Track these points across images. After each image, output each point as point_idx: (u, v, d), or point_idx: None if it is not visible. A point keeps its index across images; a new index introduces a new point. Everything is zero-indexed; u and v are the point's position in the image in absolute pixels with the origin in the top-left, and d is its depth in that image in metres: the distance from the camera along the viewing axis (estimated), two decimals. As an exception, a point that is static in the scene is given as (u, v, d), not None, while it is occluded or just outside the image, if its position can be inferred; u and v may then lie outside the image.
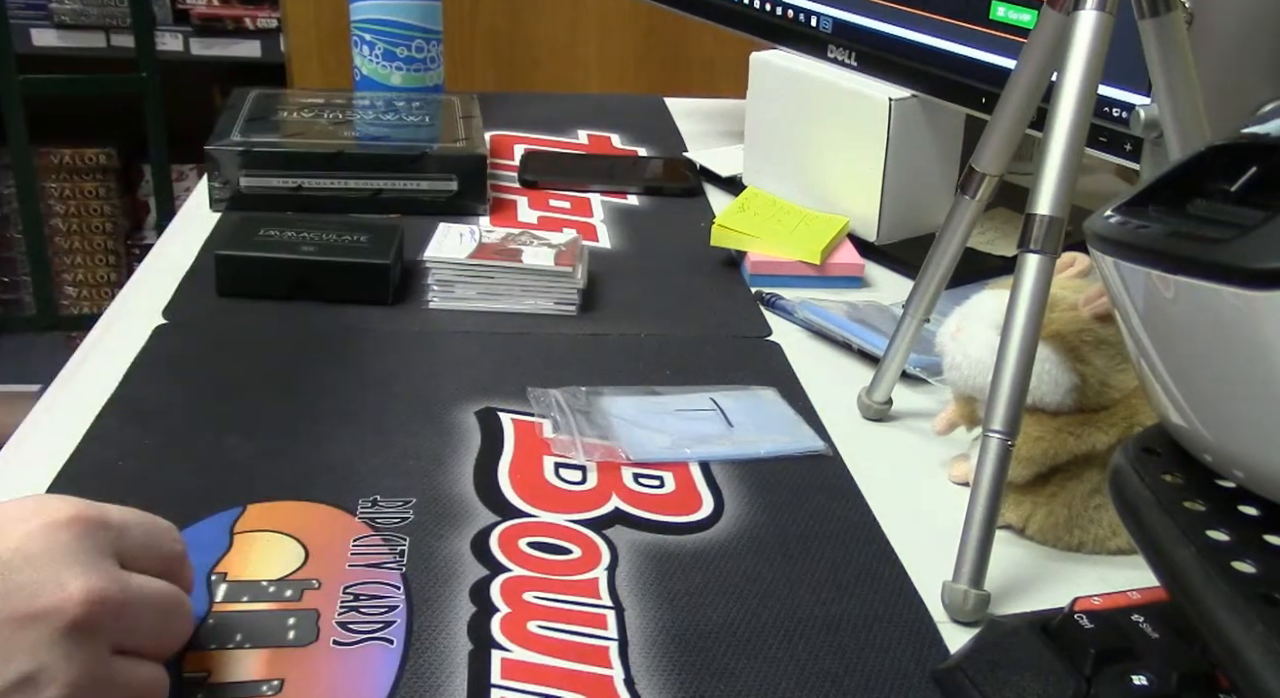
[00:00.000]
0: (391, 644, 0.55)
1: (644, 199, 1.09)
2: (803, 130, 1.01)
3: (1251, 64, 0.75)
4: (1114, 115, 0.80)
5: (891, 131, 0.94)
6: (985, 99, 0.89)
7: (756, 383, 0.79)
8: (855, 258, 0.94)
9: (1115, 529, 0.63)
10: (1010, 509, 0.65)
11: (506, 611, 0.57)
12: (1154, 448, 0.49)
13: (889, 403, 0.76)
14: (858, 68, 0.99)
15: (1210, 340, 0.43)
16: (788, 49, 1.05)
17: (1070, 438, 0.63)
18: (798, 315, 0.88)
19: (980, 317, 0.67)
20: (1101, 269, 0.49)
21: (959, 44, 0.91)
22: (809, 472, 0.70)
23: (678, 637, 0.56)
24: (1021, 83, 0.66)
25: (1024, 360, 0.59)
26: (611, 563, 0.61)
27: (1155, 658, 0.49)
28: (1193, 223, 0.45)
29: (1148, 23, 0.62)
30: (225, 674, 0.53)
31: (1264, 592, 0.42)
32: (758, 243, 0.94)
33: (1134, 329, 0.48)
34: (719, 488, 0.68)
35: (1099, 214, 0.48)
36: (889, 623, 0.58)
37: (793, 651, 0.56)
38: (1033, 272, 0.59)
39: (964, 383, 0.67)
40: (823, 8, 1.01)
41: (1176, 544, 0.44)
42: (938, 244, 0.71)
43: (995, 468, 0.58)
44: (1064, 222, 0.59)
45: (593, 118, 1.30)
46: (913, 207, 0.98)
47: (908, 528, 0.65)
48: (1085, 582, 0.62)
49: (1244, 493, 0.46)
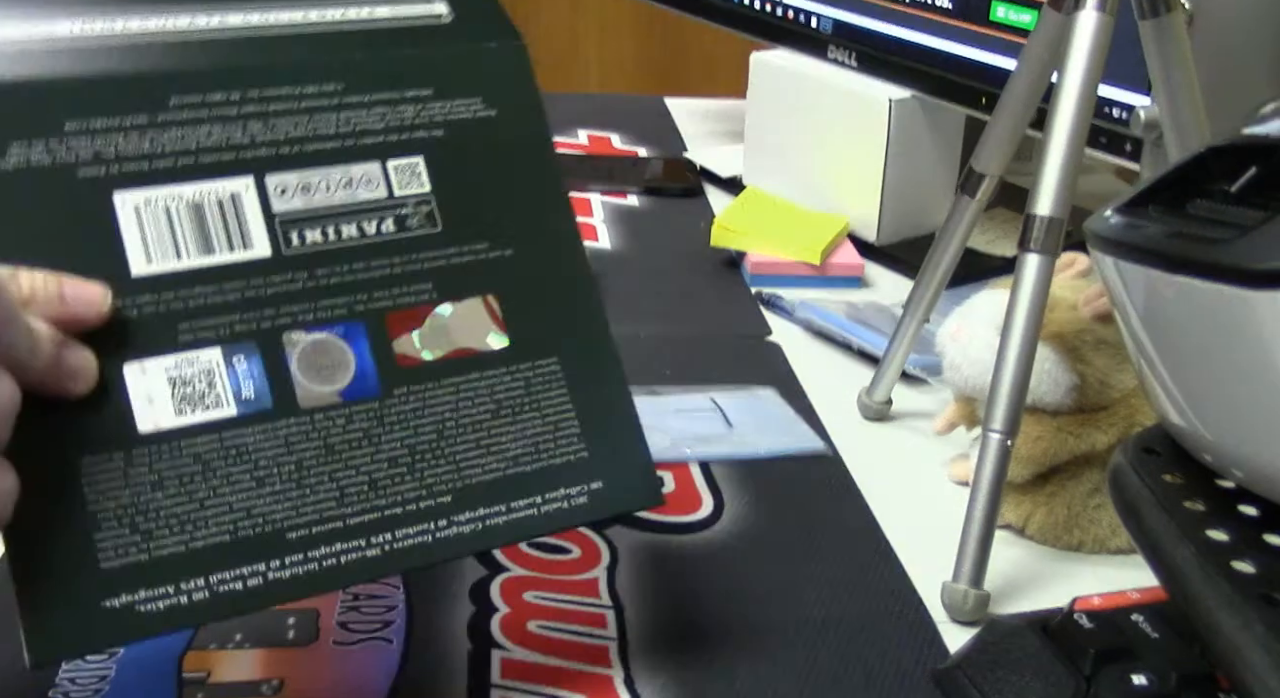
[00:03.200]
0: (391, 644, 0.55)
1: (644, 199, 1.09)
2: (803, 130, 1.01)
3: (1251, 64, 0.75)
4: (1114, 115, 0.80)
5: (891, 131, 0.94)
6: (985, 99, 0.89)
7: (756, 383, 0.79)
8: (855, 258, 0.94)
9: (1115, 529, 0.64)
10: (1010, 509, 0.65)
11: (506, 610, 0.57)
12: (1154, 448, 0.49)
13: (889, 403, 0.76)
14: (858, 68, 0.99)
15: (1210, 341, 0.43)
16: (788, 49, 1.05)
17: (1070, 438, 0.63)
18: (798, 315, 0.88)
19: (980, 317, 0.67)
20: (1101, 269, 0.49)
21: (959, 44, 0.91)
22: (809, 472, 0.70)
23: (678, 637, 0.56)
24: (1021, 83, 0.66)
25: (1024, 360, 0.59)
26: (611, 563, 0.61)
27: (1155, 658, 0.49)
28: (1193, 223, 0.45)
29: (1148, 23, 0.62)
30: (225, 674, 0.53)
31: (1263, 592, 0.42)
32: (758, 243, 0.94)
33: (1134, 329, 0.48)
34: (719, 488, 0.68)
35: (1099, 214, 0.48)
36: (889, 623, 0.58)
37: (793, 651, 0.56)
38: (1033, 272, 0.59)
39: (964, 383, 0.67)
40: (823, 8, 1.01)
41: (1176, 544, 0.44)
42: (938, 244, 0.71)
43: (995, 468, 0.58)
44: (1064, 222, 0.59)
45: (593, 118, 1.30)
46: (913, 207, 0.98)
47: (908, 528, 0.65)
48: (1085, 582, 0.62)
49: (1244, 493, 0.46)
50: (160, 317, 0.46)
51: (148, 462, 0.44)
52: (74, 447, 0.43)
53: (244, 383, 0.46)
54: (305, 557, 0.45)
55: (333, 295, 0.48)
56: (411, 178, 0.51)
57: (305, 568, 0.45)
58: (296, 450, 0.46)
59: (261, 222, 0.48)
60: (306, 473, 0.46)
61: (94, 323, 0.44)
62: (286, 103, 0.50)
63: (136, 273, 0.46)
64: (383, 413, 0.48)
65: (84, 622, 0.42)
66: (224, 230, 0.47)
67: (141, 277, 0.46)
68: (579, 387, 0.51)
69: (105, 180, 0.46)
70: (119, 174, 0.46)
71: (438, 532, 0.47)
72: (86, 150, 0.46)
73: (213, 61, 0.50)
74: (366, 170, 0.50)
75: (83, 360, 0.44)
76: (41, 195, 0.45)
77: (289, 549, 0.45)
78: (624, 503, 0.52)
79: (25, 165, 0.45)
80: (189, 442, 0.45)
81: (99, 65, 0.48)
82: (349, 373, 0.48)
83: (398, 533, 0.47)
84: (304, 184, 0.49)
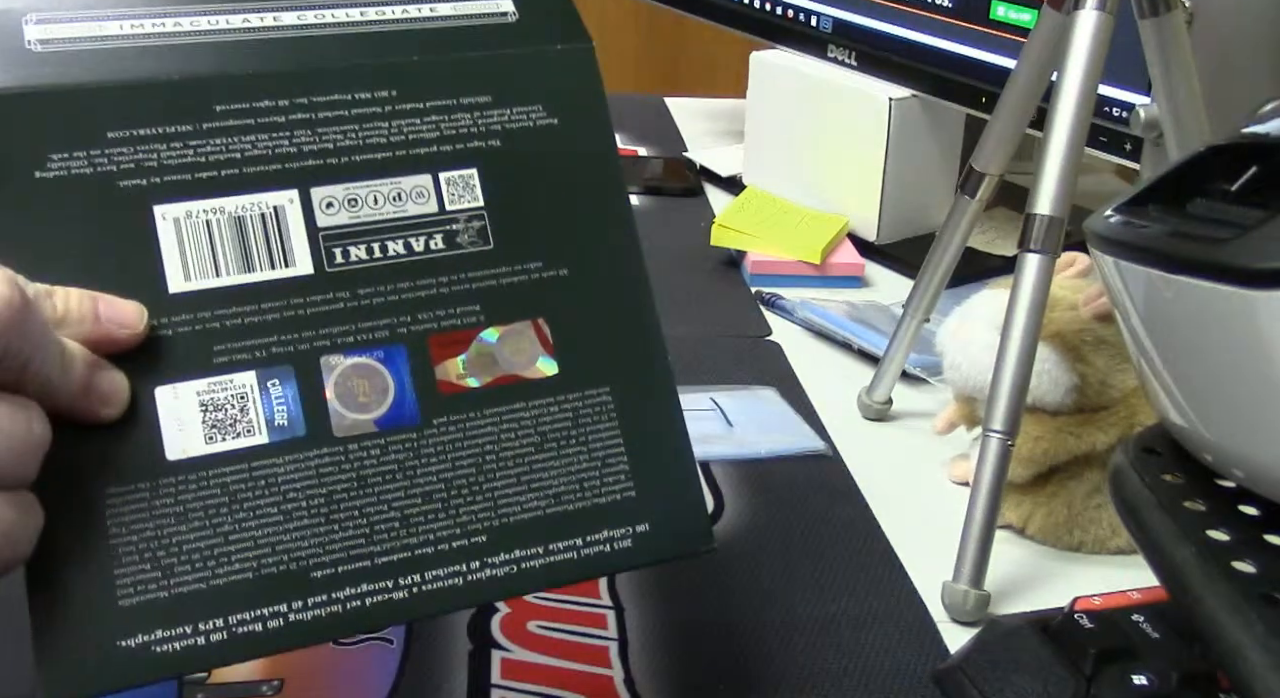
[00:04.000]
0: (391, 644, 0.55)
1: (644, 199, 1.09)
2: (803, 130, 1.01)
3: (1251, 64, 0.75)
4: (1114, 115, 0.80)
5: (891, 131, 0.94)
6: (985, 99, 0.89)
7: (756, 383, 0.79)
8: (855, 258, 0.94)
9: (1115, 529, 0.63)
10: (1010, 509, 0.65)
11: (506, 610, 0.57)
12: (1154, 448, 0.49)
13: (889, 403, 0.76)
14: (858, 68, 0.99)
15: (1210, 341, 0.43)
16: (788, 49, 1.05)
17: (1070, 438, 0.63)
18: (798, 315, 0.88)
19: (980, 317, 0.66)
20: (1101, 269, 0.49)
21: (959, 44, 0.91)
22: (809, 472, 0.70)
23: (678, 637, 0.56)
24: (1021, 83, 0.66)
25: (1024, 360, 0.59)
26: (611, 563, 0.61)
27: (1155, 658, 0.49)
28: (1193, 223, 0.45)
29: (1148, 23, 0.62)
30: (225, 674, 0.53)
31: (1264, 592, 0.42)
32: (758, 243, 0.94)
33: (1134, 329, 0.48)
34: (719, 488, 0.68)
35: (1099, 214, 0.48)
36: (889, 623, 0.58)
37: (792, 650, 0.56)
38: (1033, 272, 0.59)
39: (964, 383, 0.67)
40: (823, 8, 1.01)
41: (1176, 544, 0.44)
42: (938, 244, 0.71)
43: (995, 468, 0.58)
44: (1064, 222, 0.59)
45: (593, 118, 1.30)
46: (913, 207, 0.98)
47: (908, 528, 0.65)
48: (1085, 582, 0.62)
49: (1244, 493, 0.46)
50: (195, 337, 0.44)
51: (174, 493, 0.42)
52: (100, 476, 0.41)
53: (277, 409, 0.44)
54: (329, 598, 0.43)
55: (375, 317, 0.45)
56: (465, 191, 0.48)
57: (328, 610, 0.43)
58: (327, 483, 0.44)
59: (304, 237, 0.45)
60: (336, 507, 0.44)
61: (128, 344, 0.42)
62: (336, 110, 0.47)
63: (174, 290, 0.44)
64: (420, 444, 0.45)
65: (100, 662, 0.40)
66: (265, 246, 0.45)
67: (178, 294, 0.44)
68: (631, 420, 0.48)
69: (146, 191, 0.44)
70: (161, 185, 0.44)
71: (470, 574, 0.45)
72: (128, 160, 0.44)
73: (261, 65, 0.47)
74: (417, 183, 0.47)
75: (116, 383, 0.42)
76: (81, 207, 0.43)
77: (313, 590, 0.43)
78: (671, 548, 0.48)
79: (65, 175, 0.43)
80: (217, 471, 0.43)
81: (146, 68, 0.46)
82: (387, 399, 0.45)
83: (427, 575, 0.44)
84: (350, 198, 0.47)
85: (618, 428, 0.47)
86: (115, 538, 0.41)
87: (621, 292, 0.50)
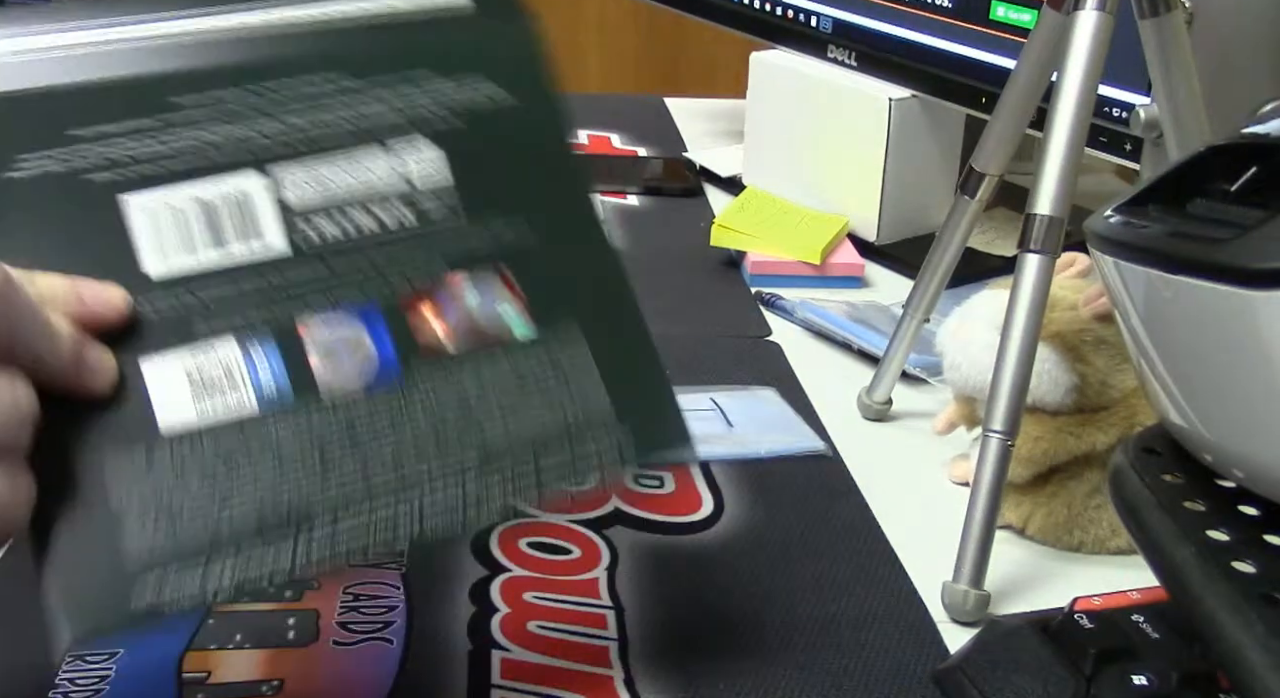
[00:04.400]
0: (391, 644, 0.55)
1: (644, 199, 1.09)
2: (803, 130, 1.01)
3: (1251, 64, 0.75)
4: (1114, 115, 0.80)
5: (891, 131, 0.94)
6: (985, 99, 0.89)
7: (756, 383, 0.79)
8: (855, 258, 0.94)
9: (1115, 529, 0.63)
10: (1010, 509, 0.65)
11: (506, 611, 0.57)
12: (1154, 448, 0.49)
13: (889, 403, 0.76)
14: (858, 68, 0.99)
15: (1210, 341, 0.43)
16: (788, 49, 1.05)
17: (1070, 438, 0.63)
18: (798, 315, 0.88)
19: (980, 317, 0.67)
20: (1101, 269, 0.49)
21: (959, 44, 0.91)
22: (809, 472, 0.70)
23: (678, 637, 0.56)
24: (1021, 83, 0.66)
25: (1024, 360, 0.59)
26: (611, 563, 0.61)
27: (1155, 658, 0.49)
28: (1193, 223, 0.45)
29: (1148, 23, 0.62)
30: (225, 674, 0.53)
31: (1264, 592, 0.42)
32: (758, 243, 0.94)
33: (1134, 329, 0.48)
34: (719, 488, 0.68)
35: (1099, 214, 0.48)
36: (889, 623, 0.58)
37: (792, 651, 0.56)
38: (1033, 272, 0.59)
39: (964, 383, 0.67)
40: (823, 8, 1.01)
41: (1176, 544, 0.44)
42: (938, 244, 0.71)
43: (995, 468, 0.58)
44: (1064, 222, 0.59)
45: (593, 118, 1.30)
46: (913, 207, 0.98)
47: (908, 528, 0.65)
48: (1085, 582, 0.62)
49: (1244, 493, 0.46)
50: (175, 312, 0.46)
51: (169, 455, 0.44)
52: (96, 444, 0.44)
53: (263, 374, 0.46)
54: (334, 531, 0.45)
55: (349, 285, 0.48)
56: (427, 164, 0.51)
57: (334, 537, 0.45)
58: (319, 439, 0.46)
59: (274, 216, 0.48)
60: (330, 461, 0.46)
61: (113, 323, 0.44)
62: (295, 95, 0.50)
63: (151, 274, 0.46)
64: (405, 398, 0.48)
65: (117, 596, 0.42)
66: (237, 227, 0.48)
67: (156, 276, 0.46)
68: (602, 346, 0.51)
69: (118, 184, 0.47)
70: (131, 177, 0.47)
71: (465, 493, 0.47)
72: (97, 156, 0.47)
73: (220, 59, 0.50)
74: (381, 159, 0.50)
75: (104, 357, 0.44)
76: (57, 202, 0.46)
77: (315, 523, 0.45)
78: (655, 450, 0.51)
79: (39, 174, 0.46)
80: (210, 434, 0.45)
81: (106, 70, 0.48)
82: (369, 360, 0.48)
83: (425, 500, 0.47)
84: (316, 177, 0.49)
85: (589, 354, 0.51)
86: (117, 501, 0.43)
87: (585, 245, 0.53)
